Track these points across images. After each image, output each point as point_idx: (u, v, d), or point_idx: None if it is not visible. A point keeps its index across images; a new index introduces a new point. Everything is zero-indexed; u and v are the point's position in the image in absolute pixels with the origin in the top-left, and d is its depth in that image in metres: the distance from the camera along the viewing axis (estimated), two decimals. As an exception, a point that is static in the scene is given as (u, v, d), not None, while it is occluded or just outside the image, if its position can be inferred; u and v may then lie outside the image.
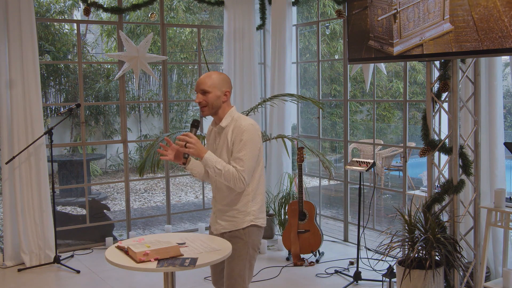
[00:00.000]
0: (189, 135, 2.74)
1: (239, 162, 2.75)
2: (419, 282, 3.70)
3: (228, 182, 2.76)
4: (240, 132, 2.78)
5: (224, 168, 2.73)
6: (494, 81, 4.20)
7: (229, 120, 2.86)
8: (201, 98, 2.81)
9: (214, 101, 2.82)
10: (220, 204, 2.93)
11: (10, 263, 5.09)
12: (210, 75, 2.83)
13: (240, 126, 2.79)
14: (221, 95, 2.84)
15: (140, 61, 5.62)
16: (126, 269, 2.66)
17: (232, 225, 2.89)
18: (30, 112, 5.03)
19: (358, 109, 12.68)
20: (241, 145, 2.76)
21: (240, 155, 2.75)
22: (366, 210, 4.93)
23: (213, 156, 2.75)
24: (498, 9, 3.32)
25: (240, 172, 2.73)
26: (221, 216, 2.93)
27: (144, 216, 7.60)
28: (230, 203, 2.88)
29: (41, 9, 10.35)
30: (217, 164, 2.73)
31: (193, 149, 2.71)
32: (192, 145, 2.70)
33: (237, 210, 2.87)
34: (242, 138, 2.77)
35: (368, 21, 4.29)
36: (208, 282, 4.64)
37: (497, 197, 3.88)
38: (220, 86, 2.83)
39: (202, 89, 2.80)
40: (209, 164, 2.72)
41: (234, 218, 2.88)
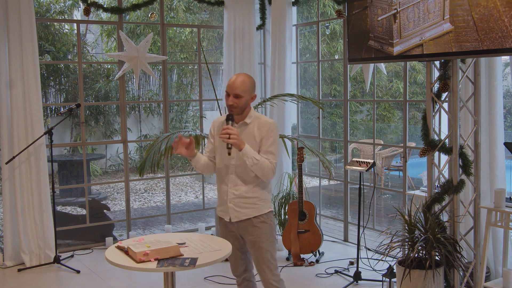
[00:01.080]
0: (230, 128, 2.95)
1: (270, 155, 3.06)
2: (419, 282, 3.70)
3: (261, 172, 3.01)
4: (270, 129, 3.09)
5: (261, 159, 3.00)
6: (494, 81, 4.20)
7: (253, 117, 3.15)
8: (234, 101, 3.06)
9: (244, 104, 3.09)
10: (240, 190, 3.13)
11: (10, 263, 5.09)
12: (244, 81, 3.09)
13: (268, 123, 3.12)
14: (249, 98, 3.13)
15: (140, 61, 5.62)
16: (126, 269, 2.66)
17: (255, 211, 3.13)
18: (30, 112, 5.03)
19: (358, 109, 12.68)
20: (271, 141, 3.08)
21: (272, 149, 3.07)
22: (366, 210, 4.93)
23: (250, 147, 3.00)
24: (498, 9, 3.32)
25: (273, 164, 3.05)
26: (240, 203, 3.13)
27: (144, 216, 7.60)
28: (252, 190, 3.12)
29: (41, 9, 10.35)
30: (255, 155, 2.99)
31: (236, 140, 2.92)
32: (235, 136, 2.92)
33: (257, 198, 3.14)
34: (271, 134, 3.09)
35: (368, 21, 4.29)
36: (208, 282, 4.64)
37: (497, 197, 3.88)
38: (250, 91, 3.12)
39: (235, 94, 3.05)
40: (249, 154, 2.97)
41: (256, 204, 3.13)
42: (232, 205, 3.15)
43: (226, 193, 3.17)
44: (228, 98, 3.09)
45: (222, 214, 3.23)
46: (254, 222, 3.14)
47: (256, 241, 3.14)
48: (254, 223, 3.13)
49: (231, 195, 3.15)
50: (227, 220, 3.20)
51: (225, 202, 3.17)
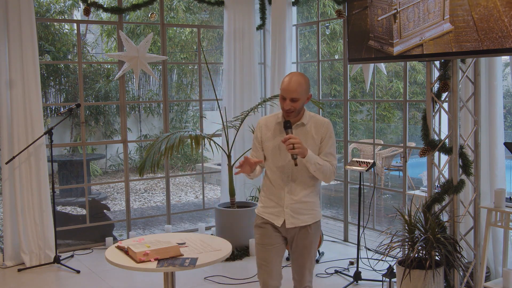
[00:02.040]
0: (292, 137, 2.79)
1: (331, 157, 2.95)
2: (419, 282, 3.70)
3: (323, 176, 2.91)
4: (329, 129, 2.97)
5: (324, 163, 2.89)
6: (494, 81, 4.19)
7: (308, 117, 3.00)
8: (291, 105, 2.89)
9: (301, 106, 2.95)
10: (299, 195, 2.98)
11: (10, 263, 5.09)
12: (300, 83, 2.89)
13: (326, 123, 2.98)
14: (305, 100, 2.95)
15: (140, 61, 5.62)
16: (126, 269, 2.66)
17: (313, 218, 3.02)
18: (30, 112, 5.03)
19: (358, 109, 12.68)
20: (331, 141, 2.97)
21: (332, 150, 2.97)
22: (366, 210, 4.93)
23: (312, 153, 2.87)
24: (498, 9, 3.32)
25: (334, 166, 2.95)
26: (298, 209, 2.99)
27: (144, 216, 7.59)
28: (311, 195, 3.01)
29: (41, 9, 10.34)
30: (318, 160, 2.87)
31: (300, 149, 2.78)
32: (300, 145, 2.77)
33: (314, 203, 3.04)
34: (331, 135, 2.98)
35: (368, 21, 4.29)
36: (208, 282, 4.64)
37: (497, 197, 3.88)
38: (307, 92, 2.94)
39: (292, 98, 2.88)
40: (312, 160, 2.84)
41: (313, 210, 3.03)
42: (289, 210, 2.98)
43: (283, 198, 2.99)
44: (284, 103, 2.91)
45: (271, 217, 3.03)
46: (310, 229, 3.02)
47: (307, 247, 3.03)
48: (310, 230, 3.02)
49: (289, 200, 2.98)
50: (277, 225, 3.02)
51: (280, 207, 3.00)
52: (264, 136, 3.06)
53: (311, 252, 3.06)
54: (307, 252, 3.05)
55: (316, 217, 3.05)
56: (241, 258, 5.22)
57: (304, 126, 2.98)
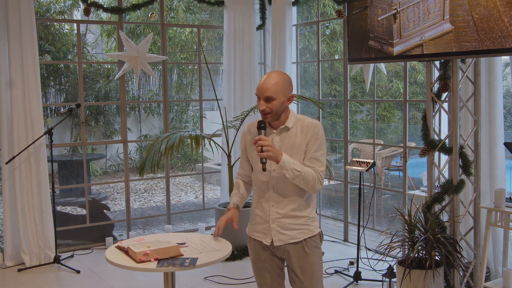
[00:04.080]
0: (263, 138, 2.50)
1: (316, 163, 2.59)
2: (419, 282, 3.70)
3: (306, 184, 2.55)
4: (316, 131, 2.61)
5: (303, 169, 2.53)
6: (494, 81, 4.19)
7: (294, 120, 2.66)
8: (265, 105, 2.57)
9: (279, 107, 2.58)
10: (283, 210, 2.64)
11: (10, 263, 5.09)
12: (275, 80, 2.56)
13: (314, 125, 2.63)
14: (285, 100, 2.60)
15: (140, 61, 5.62)
16: (126, 269, 2.66)
17: (304, 233, 2.65)
18: (30, 112, 5.03)
19: (358, 109, 12.68)
20: (317, 145, 2.60)
21: (318, 155, 2.60)
22: (366, 210, 4.93)
23: (289, 158, 2.54)
24: (498, 9, 3.32)
25: (318, 173, 2.57)
26: (286, 225, 2.64)
27: (144, 216, 7.59)
28: (300, 208, 2.65)
29: (41, 9, 10.34)
30: (296, 166, 2.52)
31: (271, 152, 2.48)
32: (270, 148, 2.48)
33: (306, 217, 2.66)
34: (318, 137, 2.61)
35: (368, 21, 4.29)
36: (208, 282, 4.64)
37: (497, 197, 3.88)
38: (285, 91, 2.58)
39: (266, 96, 2.55)
40: (287, 166, 2.51)
41: (305, 225, 2.65)
42: (275, 226, 2.65)
43: (268, 211, 2.66)
44: (259, 102, 2.59)
45: (259, 236, 2.71)
46: (305, 247, 2.64)
47: (307, 270, 2.65)
48: (307, 249, 2.64)
49: (275, 214, 2.65)
50: (266, 244, 2.69)
51: (266, 222, 2.67)
52: (248, 144, 2.74)
53: (313, 276, 2.66)
54: (308, 277, 2.65)
55: (310, 231, 2.65)
56: (241, 258, 5.22)
57: (288, 130, 2.64)
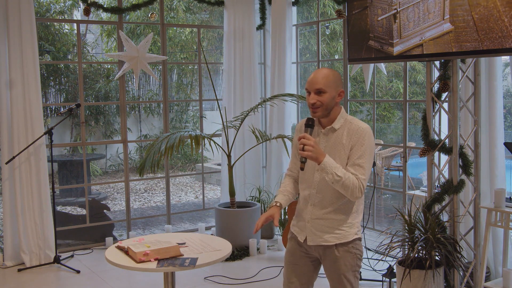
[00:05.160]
0: (307, 136, 2.44)
1: (359, 170, 2.50)
2: (419, 282, 3.70)
3: (345, 191, 2.48)
4: (362, 136, 2.52)
5: (344, 175, 2.45)
6: (494, 81, 4.19)
7: (342, 121, 2.59)
8: (316, 98, 2.53)
9: (329, 101, 2.53)
10: (320, 211, 2.63)
11: (10, 263, 5.08)
12: (326, 73, 2.55)
13: (361, 129, 2.54)
14: (336, 95, 2.56)
15: (140, 61, 5.62)
16: (126, 269, 2.66)
17: (337, 238, 2.61)
18: (30, 112, 5.03)
19: (358, 109, 12.68)
20: (362, 151, 2.51)
21: (361, 161, 2.51)
22: (366, 210, 4.93)
23: (332, 161, 2.47)
24: (498, 9, 3.32)
25: (360, 181, 2.48)
26: (320, 226, 2.63)
27: (144, 216, 7.59)
28: (335, 212, 2.61)
29: (41, 9, 10.35)
30: (337, 171, 2.45)
31: (312, 152, 2.43)
32: (311, 148, 2.42)
33: (342, 222, 2.60)
34: (364, 142, 2.52)
35: (368, 21, 4.29)
36: (208, 282, 4.64)
37: (497, 197, 3.88)
38: (335, 86, 2.55)
39: (317, 89, 2.52)
40: (328, 169, 2.44)
41: (340, 230, 2.61)
42: (310, 225, 2.65)
43: (306, 210, 2.67)
44: (309, 97, 2.55)
45: (297, 231, 2.73)
46: (337, 251, 2.61)
47: (339, 274, 2.62)
48: (338, 253, 2.61)
49: (311, 215, 2.65)
50: (300, 240, 2.70)
51: (303, 220, 2.69)
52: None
53: (341, 280, 2.62)
54: (339, 281, 2.63)
55: (342, 238, 2.59)
56: (241, 258, 5.22)
57: (335, 131, 2.58)
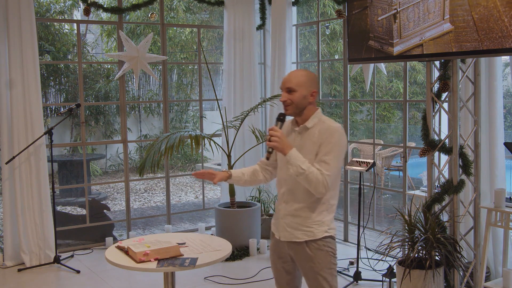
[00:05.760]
0: (274, 128, 2.56)
1: (324, 166, 2.53)
2: (419, 282, 3.70)
3: (309, 185, 2.53)
4: (331, 134, 2.58)
5: (308, 169, 2.51)
6: (494, 81, 4.20)
7: (316, 121, 2.66)
8: (286, 96, 2.64)
9: (300, 100, 2.63)
10: (291, 208, 2.68)
11: (10, 263, 5.08)
12: (298, 73, 2.67)
13: (331, 128, 2.60)
14: (307, 95, 2.64)
15: (140, 61, 5.62)
16: (126, 269, 2.66)
17: (307, 235, 2.64)
18: (30, 112, 5.03)
19: (358, 109, 12.68)
20: (329, 148, 2.56)
21: (327, 158, 2.54)
22: (366, 210, 4.93)
23: (298, 154, 2.54)
24: (498, 9, 3.32)
25: (324, 176, 2.52)
26: (291, 223, 2.68)
27: (144, 216, 7.59)
28: (304, 209, 2.65)
29: (41, 9, 10.34)
30: (302, 164, 2.51)
31: (277, 143, 2.53)
32: (277, 139, 2.52)
33: (312, 219, 2.64)
34: (331, 140, 2.57)
35: (368, 21, 4.29)
36: (208, 282, 4.64)
37: (497, 197, 3.88)
38: (307, 86, 2.63)
39: (288, 87, 2.64)
40: (292, 161, 2.52)
41: (309, 228, 2.64)
42: (283, 222, 2.71)
43: (280, 208, 2.75)
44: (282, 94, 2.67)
45: (274, 229, 2.80)
46: (306, 248, 2.65)
47: (311, 270, 2.66)
48: (306, 249, 2.65)
49: (284, 212, 2.71)
50: (277, 237, 2.77)
51: (278, 218, 2.76)
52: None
53: (317, 278, 2.64)
54: (315, 280, 2.65)
55: (312, 235, 2.63)
56: (241, 258, 5.22)
57: (307, 130, 2.66)
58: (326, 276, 2.65)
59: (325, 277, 2.65)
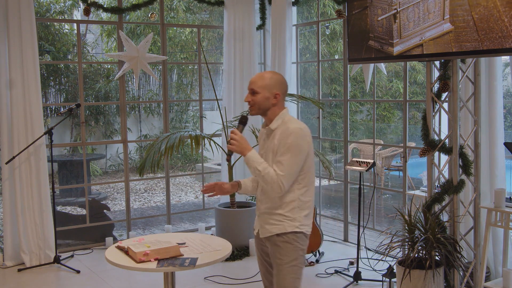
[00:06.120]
0: (234, 131, 2.66)
1: (279, 166, 2.63)
2: (419, 282, 3.70)
3: (266, 185, 2.65)
4: (286, 135, 2.65)
5: (264, 170, 2.62)
6: (494, 81, 4.20)
7: (279, 122, 2.73)
8: (249, 98, 2.73)
9: (262, 102, 2.71)
10: (263, 206, 2.79)
11: (10, 263, 5.08)
12: (263, 75, 2.75)
13: (288, 129, 2.66)
14: (270, 96, 2.71)
15: (140, 61, 5.62)
16: (126, 269, 2.66)
17: (278, 229, 2.73)
18: (30, 112, 5.03)
19: (358, 109, 12.68)
20: (285, 149, 2.63)
21: (282, 159, 2.63)
22: (366, 210, 4.93)
23: (256, 156, 2.65)
24: (498, 9, 3.32)
25: (279, 177, 2.61)
26: (265, 219, 2.78)
27: (144, 216, 7.60)
28: (275, 207, 2.74)
29: (41, 9, 10.35)
30: (258, 165, 2.63)
31: (236, 146, 2.64)
32: (235, 142, 2.64)
33: (282, 215, 2.73)
34: (287, 141, 2.64)
35: (368, 21, 4.29)
36: (208, 282, 4.65)
37: (497, 197, 3.88)
38: (270, 88, 2.70)
39: (251, 89, 2.73)
40: (250, 163, 2.64)
41: (280, 222, 2.73)
42: (259, 219, 2.84)
43: (259, 206, 2.86)
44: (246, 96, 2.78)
45: (255, 225, 2.92)
46: (276, 240, 2.73)
47: (276, 262, 2.74)
48: (276, 242, 2.73)
49: (259, 210, 2.84)
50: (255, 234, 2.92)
51: (257, 216, 2.88)
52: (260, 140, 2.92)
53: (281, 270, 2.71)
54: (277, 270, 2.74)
55: (283, 228, 2.71)
56: (241, 258, 5.22)
57: (272, 132, 2.74)
58: (289, 270, 2.71)
59: (288, 271, 2.71)
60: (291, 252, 2.72)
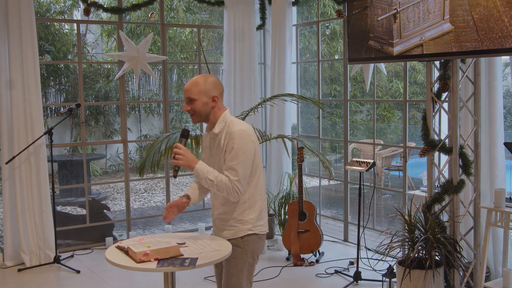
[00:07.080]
0: (178, 146, 2.64)
1: (232, 172, 2.62)
2: (419, 282, 3.70)
3: (221, 193, 2.65)
4: (232, 139, 2.63)
5: (216, 178, 2.62)
6: (494, 81, 4.19)
7: (222, 125, 2.71)
8: (187, 107, 2.69)
9: (202, 108, 2.68)
10: (217, 211, 2.83)
11: (10, 263, 5.08)
12: (196, 81, 2.68)
13: (232, 133, 2.64)
14: (208, 101, 2.68)
15: (140, 61, 5.62)
16: (126, 269, 2.66)
17: (230, 234, 2.78)
18: (30, 112, 5.03)
19: (358, 109, 12.68)
20: (232, 154, 2.62)
21: (233, 164, 2.62)
22: (366, 210, 4.93)
23: (204, 166, 2.65)
24: (498, 9, 3.32)
25: (233, 182, 2.61)
26: (220, 225, 2.84)
27: (144, 216, 7.60)
28: (227, 212, 2.78)
29: (41, 9, 10.35)
30: (209, 175, 2.62)
31: (182, 160, 2.63)
32: (181, 156, 2.62)
33: (234, 219, 2.76)
34: (233, 146, 2.62)
35: (368, 21, 4.29)
36: (208, 282, 4.64)
37: (497, 197, 3.88)
38: (207, 92, 2.67)
39: (187, 97, 2.68)
40: (201, 175, 2.63)
41: (232, 227, 2.77)
42: (214, 224, 2.89)
43: (213, 212, 2.91)
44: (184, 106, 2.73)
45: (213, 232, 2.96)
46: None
47: (224, 263, 2.78)
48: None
49: (213, 214, 2.89)
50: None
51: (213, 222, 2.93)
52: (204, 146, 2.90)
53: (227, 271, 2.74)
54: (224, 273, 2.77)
55: (234, 234, 2.75)
56: (241, 258, 5.22)
57: (216, 136, 2.72)
58: (234, 273, 2.73)
59: (233, 273, 2.73)
60: (239, 255, 2.75)
